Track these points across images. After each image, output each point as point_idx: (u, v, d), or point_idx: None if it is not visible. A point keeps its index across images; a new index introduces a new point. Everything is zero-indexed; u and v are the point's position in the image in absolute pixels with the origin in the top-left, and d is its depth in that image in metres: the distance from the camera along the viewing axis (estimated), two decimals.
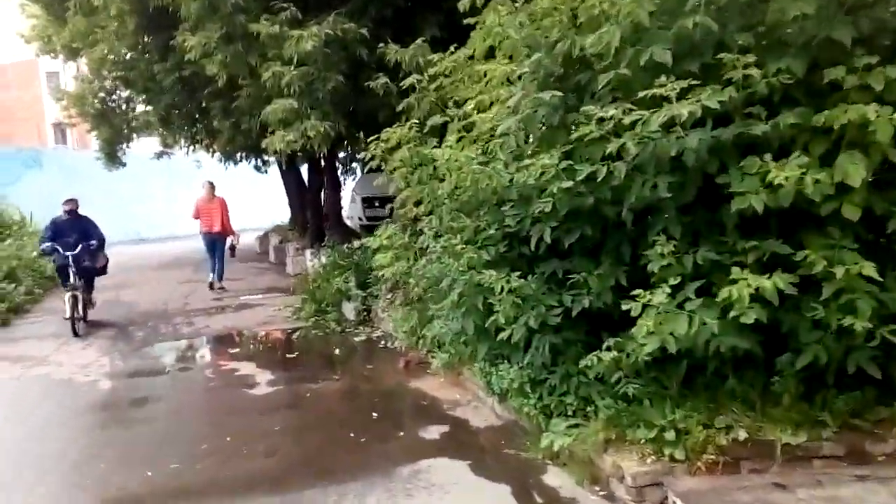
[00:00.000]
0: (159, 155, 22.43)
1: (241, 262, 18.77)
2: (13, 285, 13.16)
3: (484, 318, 5.71)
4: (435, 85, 6.49)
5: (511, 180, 5.04)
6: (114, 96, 21.10)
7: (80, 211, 11.65)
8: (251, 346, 9.95)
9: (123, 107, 21.17)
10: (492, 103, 5.58)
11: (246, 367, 8.46)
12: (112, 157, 22.36)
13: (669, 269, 4.44)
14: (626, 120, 4.23)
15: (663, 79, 4.19)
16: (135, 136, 22.44)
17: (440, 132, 6.44)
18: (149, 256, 22.45)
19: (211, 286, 14.49)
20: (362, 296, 10.60)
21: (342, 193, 17.45)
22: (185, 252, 23.20)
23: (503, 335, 5.31)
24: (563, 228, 5.06)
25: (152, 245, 27.66)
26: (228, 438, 6.08)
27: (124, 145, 22.52)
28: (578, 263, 5.21)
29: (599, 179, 4.40)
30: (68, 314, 10.55)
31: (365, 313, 10.57)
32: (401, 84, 6.92)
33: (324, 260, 13.71)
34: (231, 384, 7.86)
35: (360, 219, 17.18)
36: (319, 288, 11.59)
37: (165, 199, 31.97)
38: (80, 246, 10.94)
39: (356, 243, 12.01)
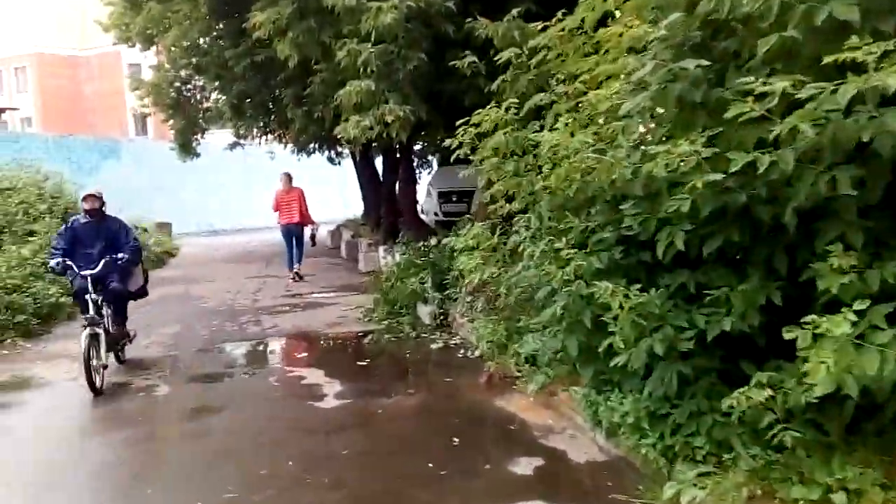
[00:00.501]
0: (232, 146, 22.06)
1: (313, 257, 18.19)
2: None
3: (590, 337, 4.79)
4: (537, 59, 5.54)
5: (634, 171, 4.07)
6: (188, 86, 20.82)
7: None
8: (320, 351, 9.22)
9: (198, 96, 20.87)
10: (607, 78, 4.61)
11: (313, 375, 7.70)
12: (186, 147, 22.12)
13: (849, 288, 3.43)
14: (803, 94, 3.23)
15: (854, 39, 3.18)
16: (208, 126, 22.16)
17: (538, 115, 5.51)
18: (221, 248, 22.16)
19: (292, 278, 14.53)
20: (439, 298, 9.76)
21: (418, 187, 16.67)
22: (258, 245, 22.88)
23: (618, 360, 4.37)
24: (699, 233, 4.08)
25: (225, 237, 27.52)
26: (290, 463, 5.30)
27: (198, 136, 22.25)
28: (717, 276, 4.23)
29: (760, 171, 3.41)
30: (84, 358, 7.07)
31: (442, 317, 9.72)
32: (494, 60, 6.02)
33: (398, 258, 12.95)
34: (296, 395, 7.10)
35: (435, 214, 16.36)
36: (393, 288, 10.80)
37: (240, 191, 31.86)
38: (104, 261, 7.66)
39: (433, 241, 11.17)
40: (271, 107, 14.78)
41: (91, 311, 7.45)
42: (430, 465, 5.18)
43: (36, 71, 53.01)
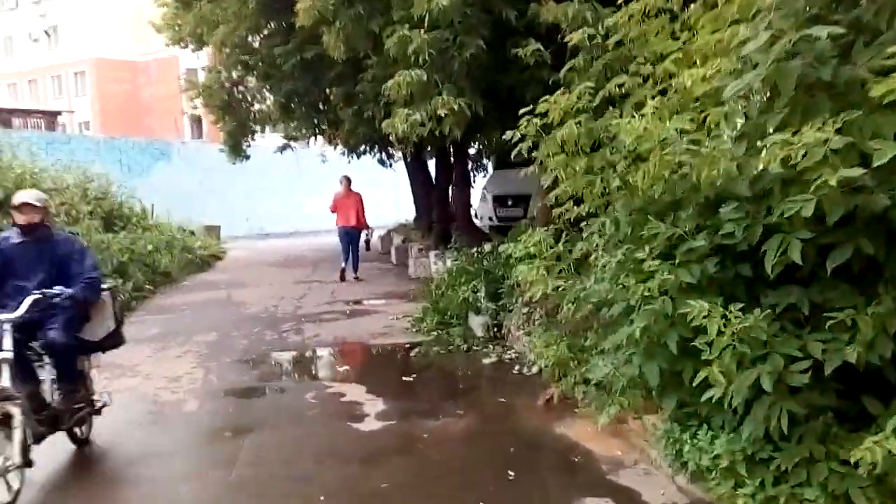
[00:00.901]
0: (282, 148, 21.68)
1: (363, 261, 17.69)
2: (120, 281, 12.37)
3: (675, 364, 4.07)
4: (613, 39, 4.81)
5: (741, 166, 3.34)
6: (239, 87, 20.50)
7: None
8: (363, 364, 8.63)
9: (248, 98, 20.54)
10: (703, 59, 3.88)
11: (354, 392, 7.07)
12: (236, 149, 21.80)
13: None
14: None
15: None
16: (258, 128, 21.83)
17: (613, 105, 4.79)
18: (269, 252, 21.78)
19: (342, 278, 14.63)
20: (493, 309, 9.09)
21: (472, 191, 16.04)
22: (306, 249, 22.47)
23: (713, 393, 3.65)
24: (818, 242, 3.34)
25: (275, 240, 27.22)
26: (322, 498, 4.67)
27: (248, 138, 21.94)
28: (837, 295, 3.48)
29: None
30: None
31: (495, 329, 9.05)
32: (560, 49, 5.33)
33: (449, 264, 12.32)
34: (334, 414, 6.49)
35: (490, 219, 15.69)
36: (444, 296, 10.16)
37: (290, 194, 31.63)
38: (33, 298, 4.93)
39: (486, 247, 10.51)
40: (321, 107, 14.33)
41: (5, 379, 4.62)
42: (482, 503, 4.52)
43: (95, 75, 53.87)
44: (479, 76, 7.53)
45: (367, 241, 15.43)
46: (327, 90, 12.71)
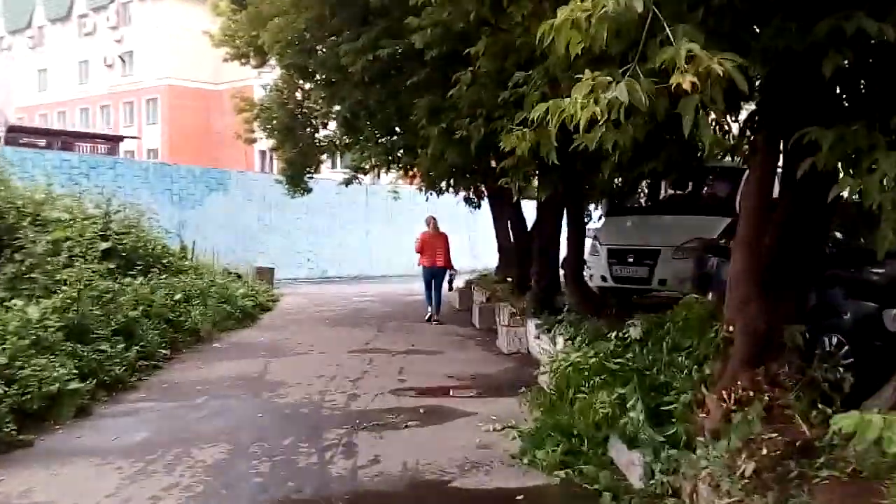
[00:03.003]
0: (347, 181, 18.63)
1: (438, 323, 14.36)
2: (122, 345, 9.26)
3: None
4: None
5: None
6: (303, 109, 17.65)
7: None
8: None
9: (312, 122, 17.65)
10: None
11: None
12: (296, 181, 18.91)
13: None
14: None
15: None
16: (323, 157, 18.92)
17: None
18: (328, 302, 18.57)
19: (429, 319, 14.56)
20: (659, 442, 5.55)
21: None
22: (372, 299, 19.24)
23: None
24: None
25: (337, 286, 24.13)
26: None
27: (311, 168, 19.04)
28: None
29: None
30: None
31: (666, 476, 5.50)
32: None
33: (560, 342, 8.93)
34: None
35: (602, 278, 12.16)
36: (566, 402, 6.71)
37: (358, 234, 28.70)
38: None
39: (634, 331, 6.99)
40: (396, 127, 11.09)
41: None
42: None
43: (166, 102, 52.45)
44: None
45: (451, 282, 15.35)
46: (406, 101, 9.53)
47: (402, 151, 12.18)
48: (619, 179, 12.66)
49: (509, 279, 16.86)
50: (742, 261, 5.51)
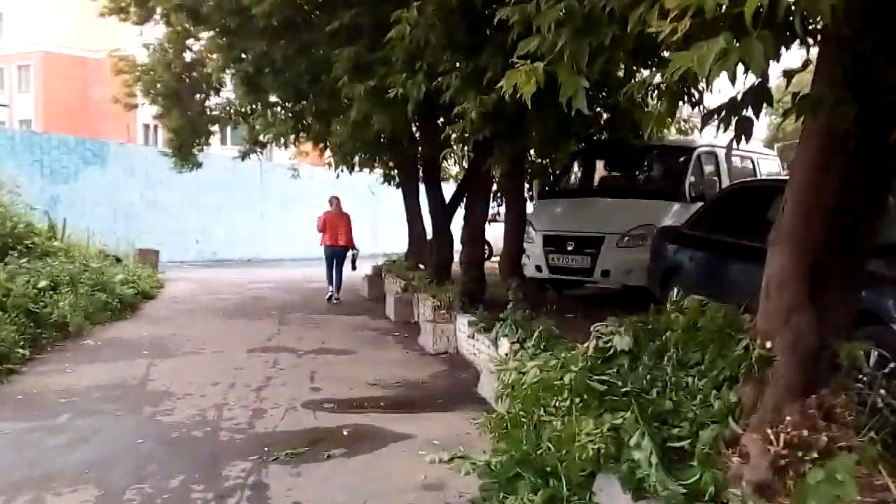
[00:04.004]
0: (244, 154, 16.77)
1: (346, 313, 12.85)
2: None
3: None
4: None
5: None
6: (192, 73, 15.65)
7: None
8: None
9: (204, 86, 15.67)
10: None
11: None
12: (184, 153, 16.86)
13: None
14: None
15: None
16: (215, 128, 16.95)
17: None
18: (221, 288, 16.67)
19: (329, 299, 14.52)
20: (680, 495, 4.26)
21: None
22: (271, 285, 17.47)
23: None
24: None
25: (231, 270, 22.14)
26: None
27: (202, 140, 17.03)
28: None
29: None
30: None
31: None
32: None
33: (505, 345, 7.63)
34: None
35: (537, 268, 10.94)
36: (533, 429, 5.37)
37: (252, 214, 26.67)
38: None
39: (618, 339, 5.66)
40: (306, 86, 9.37)
41: None
42: None
43: (41, 70, 48.27)
44: None
45: (353, 261, 15.06)
46: (320, 59, 7.92)
47: (311, 119, 10.40)
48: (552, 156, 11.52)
49: (422, 266, 15.48)
50: (789, 258, 4.25)
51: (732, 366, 4.58)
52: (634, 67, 7.31)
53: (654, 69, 5.91)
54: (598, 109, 11.07)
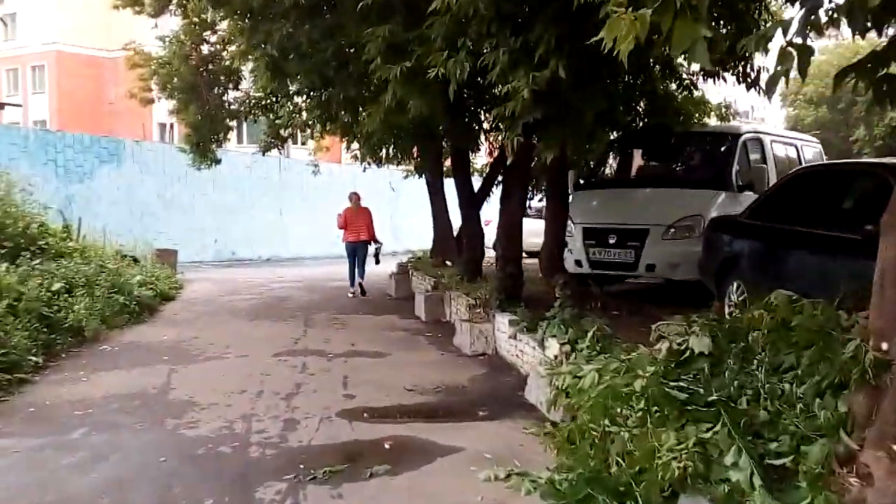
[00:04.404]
0: (265, 149, 16.24)
1: (373, 312, 12.31)
2: None
3: None
4: None
5: None
6: (210, 66, 15.15)
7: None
8: None
9: (222, 79, 15.17)
10: None
11: None
12: (203, 150, 16.35)
13: None
14: None
15: None
16: (233, 123, 16.45)
17: None
18: (242, 288, 16.16)
19: (353, 294, 14.49)
20: None
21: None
22: (293, 284, 16.95)
23: None
24: None
25: (249, 269, 21.64)
26: None
27: (220, 136, 16.53)
28: None
29: None
30: None
31: None
32: None
33: (554, 347, 7.06)
34: None
35: (577, 263, 10.35)
36: (603, 442, 4.79)
37: (271, 212, 26.19)
38: None
39: (695, 340, 5.04)
40: (333, 72, 8.72)
41: None
42: None
43: (55, 70, 47.99)
44: None
45: (377, 255, 14.93)
46: (348, 42, 7.34)
47: (338, 108, 9.77)
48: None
49: (449, 263, 14.94)
50: None
51: (839, 370, 3.98)
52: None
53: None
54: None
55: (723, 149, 10.57)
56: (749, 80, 8.88)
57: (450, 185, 14.32)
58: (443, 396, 7.30)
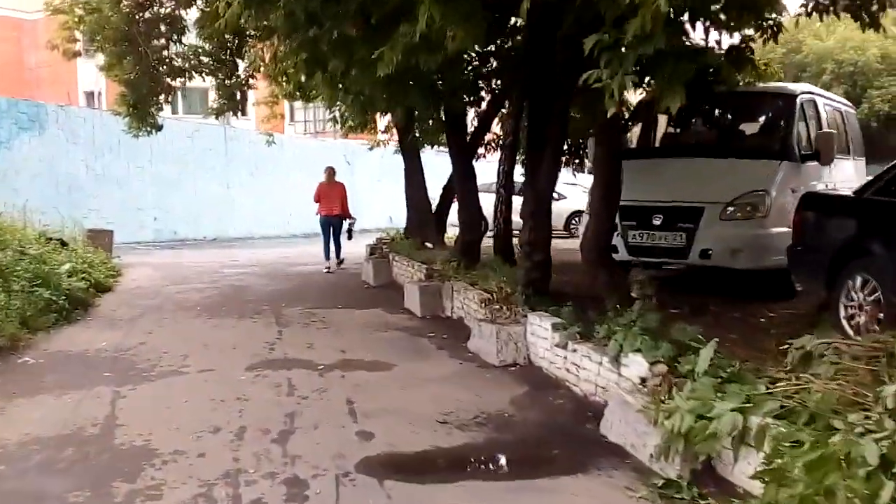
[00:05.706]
0: (218, 111, 14.09)
1: (354, 305, 10.45)
2: None
3: None
4: None
5: None
6: (146, 13, 12.92)
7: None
8: None
9: (162, 29, 12.94)
10: None
11: None
12: (141, 113, 14.09)
13: None
14: None
15: None
16: (177, 82, 14.22)
17: None
18: (189, 276, 14.00)
19: (328, 269, 14.28)
20: None
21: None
22: (249, 270, 14.89)
23: None
24: None
25: (195, 252, 19.40)
26: None
27: (160, 98, 14.31)
28: None
29: None
30: None
31: None
32: None
33: (640, 366, 5.29)
34: None
35: (613, 248, 8.59)
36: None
37: (217, 187, 23.92)
38: None
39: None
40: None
41: None
42: None
43: None
44: None
45: (350, 230, 14.80)
46: None
47: (329, 50, 7.59)
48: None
49: (428, 245, 13.11)
50: None
51: None
52: None
53: None
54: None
55: (780, 111, 8.97)
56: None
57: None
58: (490, 432, 5.45)
